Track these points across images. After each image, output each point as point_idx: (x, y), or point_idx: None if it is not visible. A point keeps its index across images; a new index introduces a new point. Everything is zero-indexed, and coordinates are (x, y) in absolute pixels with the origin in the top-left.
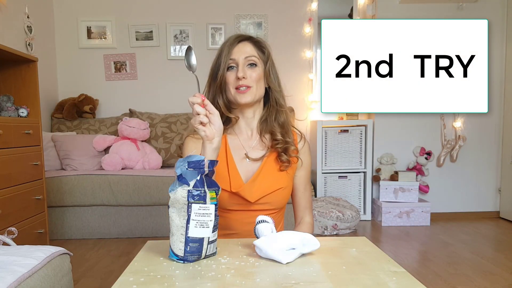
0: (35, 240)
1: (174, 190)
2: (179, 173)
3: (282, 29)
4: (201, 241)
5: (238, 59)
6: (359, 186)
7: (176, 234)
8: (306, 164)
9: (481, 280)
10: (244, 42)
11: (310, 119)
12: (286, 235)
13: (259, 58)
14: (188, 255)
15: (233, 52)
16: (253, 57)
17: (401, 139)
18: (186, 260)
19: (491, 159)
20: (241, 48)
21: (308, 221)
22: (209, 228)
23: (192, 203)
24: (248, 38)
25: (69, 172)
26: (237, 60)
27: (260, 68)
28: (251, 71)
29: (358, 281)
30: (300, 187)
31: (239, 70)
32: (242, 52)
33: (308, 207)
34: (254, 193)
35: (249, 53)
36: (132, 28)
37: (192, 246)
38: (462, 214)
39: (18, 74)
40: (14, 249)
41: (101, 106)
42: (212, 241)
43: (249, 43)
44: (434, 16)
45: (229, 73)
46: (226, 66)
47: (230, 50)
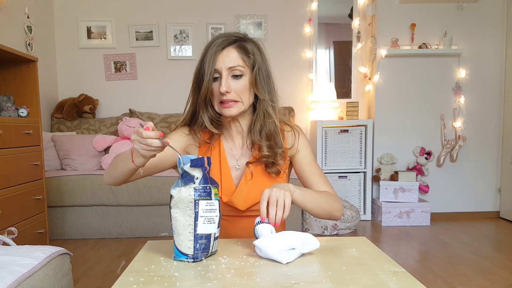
0: (35, 240)
1: (177, 189)
2: (181, 172)
3: (282, 29)
4: (208, 237)
5: (221, 69)
6: (359, 186)
7: (183, 233)
8: (303, 147)
9: (481, 280)
10: (228, 49)
11: (310, 119)
12: (286, 235)
13: (245, 65)
14: (198, 252)
15: (217, 61)
16: (238, 67)
17: (401, 139)
18: (197, 258)
19: (491, 159)
20: (225, 56)
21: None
22: (215, 224)
23: (199, 200)
24: (234, 42)
25: (69, 172)
26: (220, 71)
27: (246, 78)
28: (235, 83)
29: (358, 281)
30: (305, 167)
31: (222, 84)
32: (226, 61)
33: (322, 181)
34: (244, 201)
35: (233, 62)
36: (132, 28)
37: (201, 243)
38: (462, 214)
39: (18, 74)
40: (14, 249)
41: (101, 106)
42: (217, 237)
43: (234, 49)
44: (434, 16)
45: (214, 84)
46: (210, 77)
47: (214, 59)
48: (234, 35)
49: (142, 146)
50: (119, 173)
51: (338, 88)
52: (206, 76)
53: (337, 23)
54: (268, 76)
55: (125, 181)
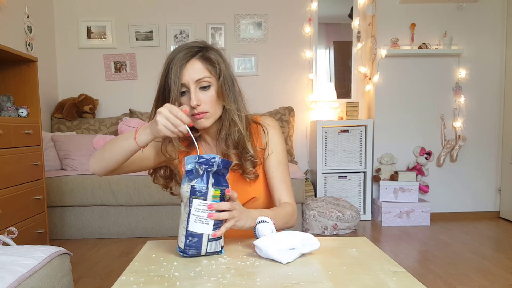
0: (35, 240)
1: (182, 184)
2: (188, 169)
3: (282, 29)
4: (200, 236)
5: (188, 83)
6: (359, 186)
7: (180, 227)
8: (275, 148)
9: (481, 280)
10: (192, 61)
11: (310, 119)
12: (286, 235)
13: (211, 75)
14: (187, 248)
15: (182, 75)
16: (205, 79)
17: (401, 139)
18: (185, 253)
19: (491, 159)
20: (189, 69)
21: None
22: (208, 225)
23: (193, 198)
24: (196, 54)
25: (69, 172)
26: (187, 84)
27: (213, 88)
28: (204, 95)
29: (358, 281)
30: (271, 169)
31: (192, 98)
32: (192, 74)
33: (283, 188)
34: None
35: (200, 74)
36: (132, 28)
37: (192, 241)
38: (462, 214)
39: (18, 74)
40: (14, 249)
41: (101, 106)
42: (213, 239)
43: (198, 60)
44: (434, 16)
45: (182, 99)
46: (178, 93)
47: (180, 73)
48: (195, 45)
49: (166, 123)
50: (113, 154)
51: (338, 88)
52: (173, 92)
53: (337, 23)
54: (232, 83)
55: (116, 166)
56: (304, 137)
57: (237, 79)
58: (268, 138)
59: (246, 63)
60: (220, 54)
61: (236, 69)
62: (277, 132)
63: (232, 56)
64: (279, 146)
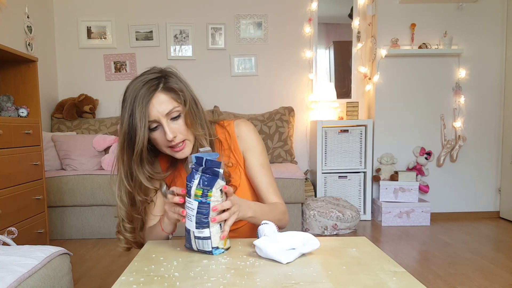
0: (35, 240)
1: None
2: (190, 166)
3: (282, 29)
4: (188, 231)
5: (159, 118)
6: (359, 186)
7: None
8: (251, 146)
9: (481, 280)
10: (157, 95)
11: (310, 119)
12: (286, 235)
13: (178, 104)
14: (186, 241)
15: (150, 112)
16: (174, 110)
17: (401, 139)
18: (186, 245)
19: (491, 159)
20: (156, 104)
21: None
22: (192, 222)
23: (186, 196)
24: (158, 85)
25: (69, 172)
26: (158, 120)
27: (182, 115)
28: (177, 125)
29: (358, 281)
30: (255, 175)
31: (167, 132)
32: (160, 108)
33: (271, 191)
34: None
35: (169, 107)
36: (132, 28)
37: (186, 235)
38: (462, 214)
39: (18, 74)
40: (14, 249)
41: (101, 106)
42: (199, 237)
43: (162, 94)
44: (434, 16)
45: (154, 134)
46: (145, 130)
47: (146, 112)
48: (152, 77)
49: (171, 214)
50: (155, 238)
51: (338, 88)
52: (140, 130)
53: (337, 23)
54: (196, 104)
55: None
56: (304, 137)
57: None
58: (240, 136)
59: (246, 63)
60: (179, 77)
61: (236, 69)
62: (252, 134)
63: (232, 56)
64: (258, 149)
